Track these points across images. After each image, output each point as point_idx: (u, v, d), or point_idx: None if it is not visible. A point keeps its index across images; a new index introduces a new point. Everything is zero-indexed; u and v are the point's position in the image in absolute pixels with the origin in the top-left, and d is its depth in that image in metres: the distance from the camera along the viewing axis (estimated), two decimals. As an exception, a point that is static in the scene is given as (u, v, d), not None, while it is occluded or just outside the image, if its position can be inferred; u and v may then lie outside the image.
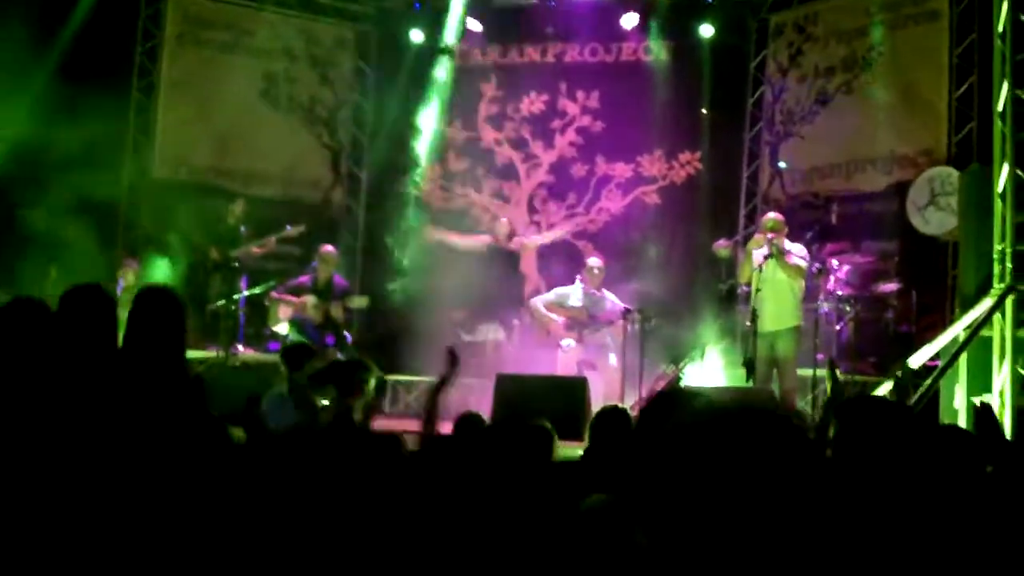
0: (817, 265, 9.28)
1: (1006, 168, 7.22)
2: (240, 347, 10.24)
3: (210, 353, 9.67)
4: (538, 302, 10.02)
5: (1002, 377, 7.12)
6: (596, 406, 6.59)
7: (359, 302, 10.01)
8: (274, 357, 8.23)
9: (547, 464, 4.93)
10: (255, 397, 6.70)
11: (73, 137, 9.27)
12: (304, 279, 9.86)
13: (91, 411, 2.83)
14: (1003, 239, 7.24)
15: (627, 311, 9.46)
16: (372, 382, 5.53)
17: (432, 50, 12.29)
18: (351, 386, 5.50)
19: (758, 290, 8.31)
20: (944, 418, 7.41)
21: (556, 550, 2.62)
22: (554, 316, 9.76)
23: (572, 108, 12.24)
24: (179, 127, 11.75)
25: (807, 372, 8.99)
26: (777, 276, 8.41)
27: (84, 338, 3.22)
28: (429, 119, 12.26)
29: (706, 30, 11.80)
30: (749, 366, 8.44)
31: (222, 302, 9.99)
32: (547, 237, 12.06)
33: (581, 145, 12.22)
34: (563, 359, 9.59)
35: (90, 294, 3.36)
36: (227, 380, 8.12)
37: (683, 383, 9.52)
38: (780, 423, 1.32)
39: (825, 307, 9.61)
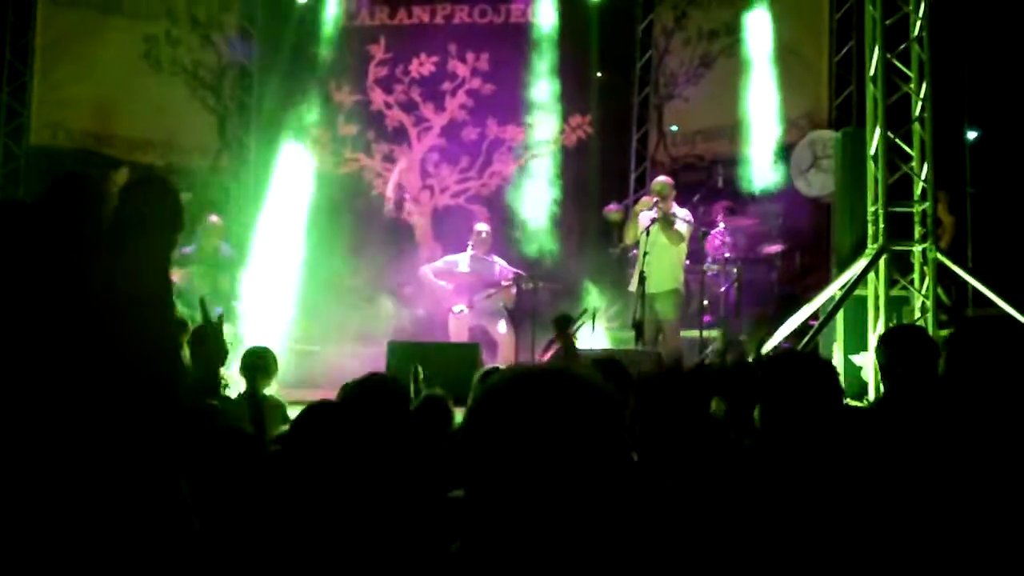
0: (702, 229, 9.45)
1: (878, 131, 7.43)
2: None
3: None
4: (427, 270, 9.99)
5: (877, 335, 7.37)
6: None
7: (248, 272, 9.83)
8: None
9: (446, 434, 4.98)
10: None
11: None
12: (187, 250, 9.60)
13: None
14: (876, 200, 7.45)
15: (517, 275, 9.51)
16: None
17: (318, 11, 12.04)
18: None
19: (645, 253, 8.42)
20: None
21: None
22: (443, 283, 9.76)
23: (462, 70, 12.15)
24: (56, 91, 11.32)
25: (693, 333, 9.16)
26: (661, 240, 8.53)
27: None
28: (317, 82, 12.02)
29: (594, -7, 11.84)
30: (637, 328, 8.57)
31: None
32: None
33: (472, 108, 12.15)
34: (455, 326, 9.60)
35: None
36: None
37: (576, 346, 9.63)
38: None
39: (712, 270, 9.82)
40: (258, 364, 5.32)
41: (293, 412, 5.69)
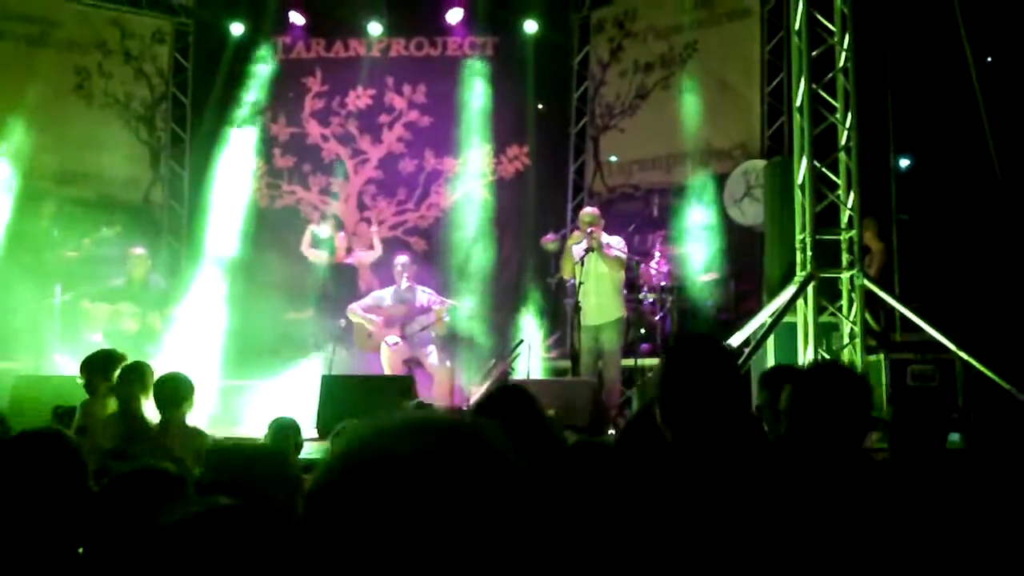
0: (636, 258, 9.48)
1: (804, 161, 7.50)
2: (57, 357, 9.71)
3: (18, 364, 9.15)
4: (355, 307, 9.86)
5: (807, 361, 7.40)
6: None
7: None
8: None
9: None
10: (64, 411, 6.31)
11: None
12: (117, 282, 9.43)
13: None
14: (804, 228, 7.52)
15: (447, 304, 9.47)
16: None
17: (253, 43, 11.96)
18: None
19: (581, 283, 8.42)
20: (756, 401, 7.66)
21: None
22: (372, 316, 9.66)
23: (399, 102, 12.14)
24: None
25: (629, 362, 9.15)
26: (599, 269, 8.51)
27: None
28: (252, 115, 11.90)
29: (530, 26, 11.90)
30: (574, 359, 8.56)
31: (34, 309, 9.46)
32: (377, 250, 11.57)
33: (409, 140, 12.13)
34: (390, 358, 9.49)
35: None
36: (37, 393, 7.66)
37: (513, 376, 9.59)
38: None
39: (649, 298, 9.85)
40: (167, 392, 5.12)
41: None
